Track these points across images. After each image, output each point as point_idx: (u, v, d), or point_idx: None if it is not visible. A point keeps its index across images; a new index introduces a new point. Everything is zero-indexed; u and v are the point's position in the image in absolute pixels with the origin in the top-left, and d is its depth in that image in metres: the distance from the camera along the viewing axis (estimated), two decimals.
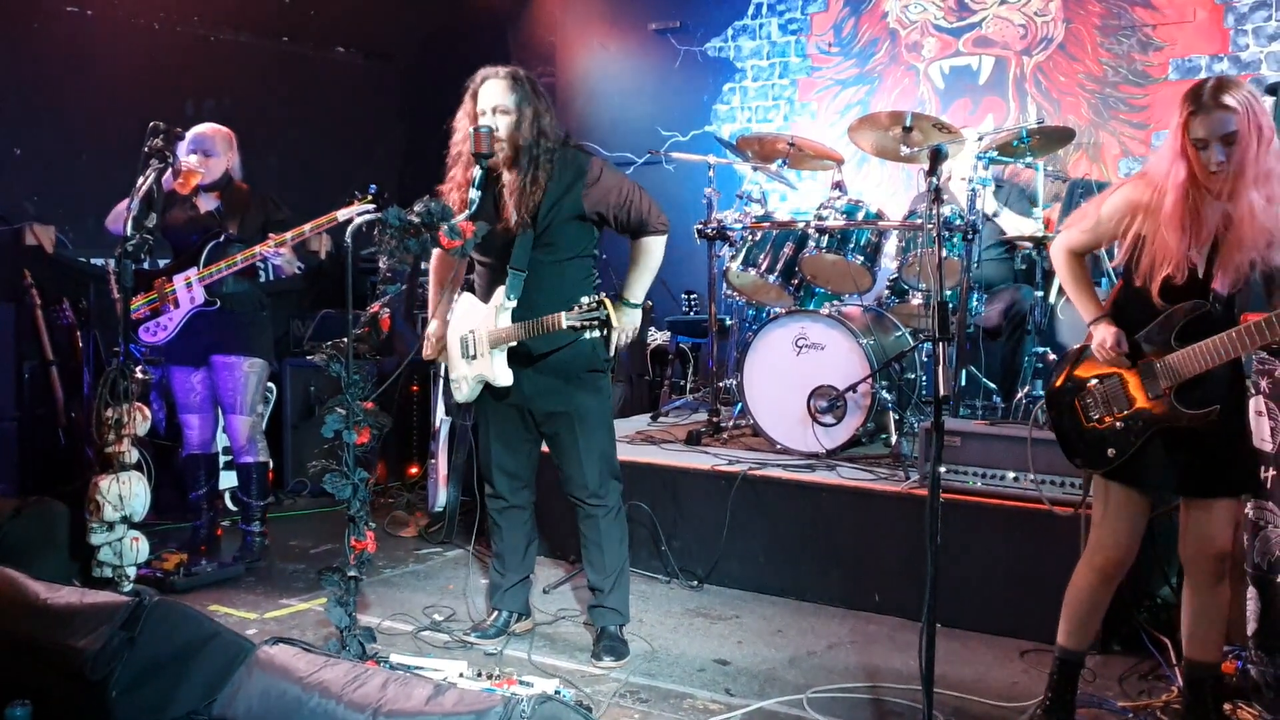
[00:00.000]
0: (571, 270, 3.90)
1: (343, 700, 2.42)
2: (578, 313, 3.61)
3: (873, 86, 7.27)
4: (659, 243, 3.93)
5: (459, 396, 4.07)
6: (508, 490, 4.11)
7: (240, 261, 4.80)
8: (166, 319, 4.92)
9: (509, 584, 4.18)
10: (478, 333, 3.88)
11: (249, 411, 5.04)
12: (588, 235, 3.93)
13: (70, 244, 6.36)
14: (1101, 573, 3.27)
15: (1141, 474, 3.15)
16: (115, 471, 4.41)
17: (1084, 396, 3.22)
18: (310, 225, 4.70)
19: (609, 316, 3.59)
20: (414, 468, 6.58)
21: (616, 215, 3.86)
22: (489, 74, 3.83)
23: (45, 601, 2.94)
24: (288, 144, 7.61)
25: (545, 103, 3.85)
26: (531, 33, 8.58)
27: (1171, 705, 3.50)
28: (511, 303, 3.81)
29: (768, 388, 5.32)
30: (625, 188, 3.87)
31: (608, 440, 4.04)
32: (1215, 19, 6.20)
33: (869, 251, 5.58)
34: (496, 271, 3.88)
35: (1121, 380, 3.14)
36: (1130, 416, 3.11)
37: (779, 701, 3.62)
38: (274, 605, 4.57)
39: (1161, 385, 3.04)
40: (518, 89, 3.79)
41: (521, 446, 4.08)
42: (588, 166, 3.85)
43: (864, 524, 4.57)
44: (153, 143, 4.61)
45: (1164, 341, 3.05)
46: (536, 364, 3.89)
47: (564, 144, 3.87)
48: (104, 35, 6.76)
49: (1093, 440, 3.19)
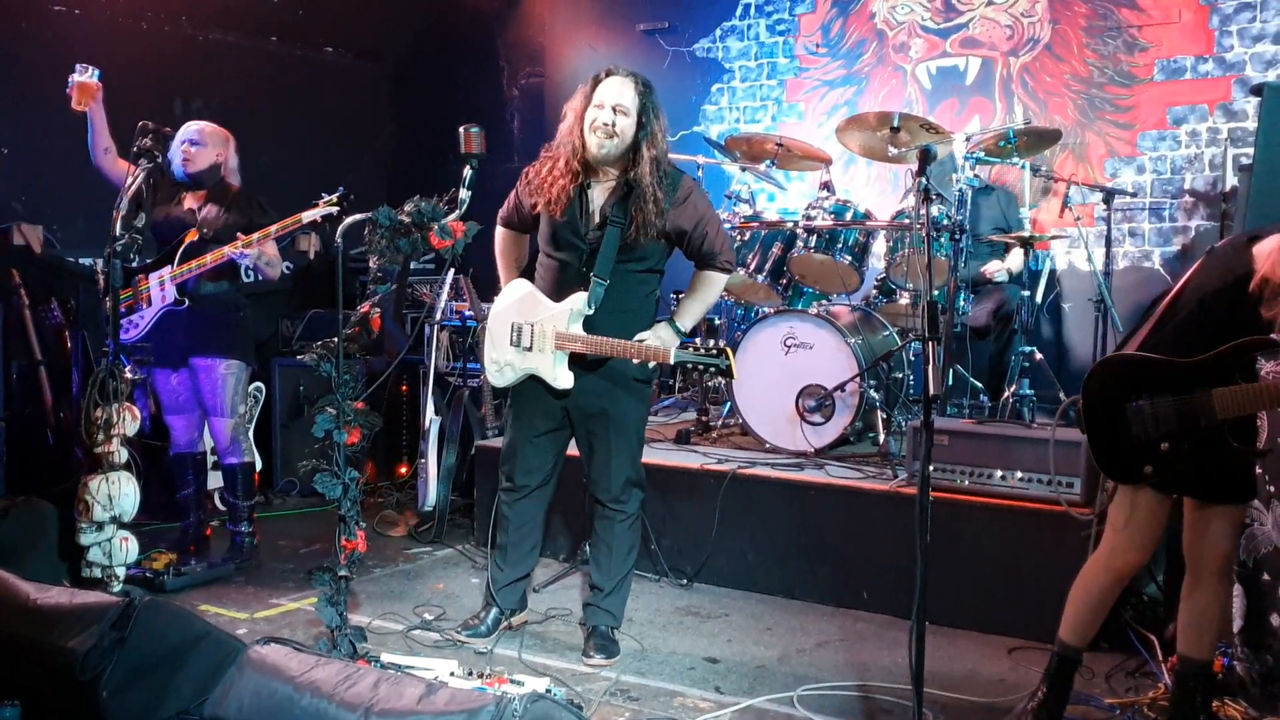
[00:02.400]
0: (642, 283, 3.90)
1: (335, 700, 2.42)
2: (693, 353, 3.59)
3: (860, 87, 7.29)
4: (721, 280, 3.95)
5: (497, 381, 4.01)
6: (527, 482, 4.06)
7: (210, 261, 4.79)
8: (139, 317, 4.91)
9: (507, 580, 4.14)
10: (542, 328, 3.82)
11: (230, 413, 5.03)
12: (663, 252, 3.92)
13: (58, 244, 6.34)
14: (1119, 575, 3.27)
15: (1173, 482, 3.12)
16: (104, 471, 4.39)
17: (1131, 411, 3.08)
18: (276, 226, 4.70)
19: (729, 368, 3.58)
20: (403, 467, 6.58)
21: (691, 239, 3.85)
22: (617, 71, 3.80)
23: (35, 602, 2.94)
24: (277, 144, 7.59)
25: (664, 120, 3.84)
26: (520, 33, 8.58)
27: (1158, 702, 3.53)
28: (589, 310, 3.77)
29: (756, 387, 5.34)
30: (708, 214, 3.88)
31: (639, 448, 4.04)
32: (1200, 20, 6.24)
33: (857, 251, 5.61)
34: (571, 272, 3.85)
35: (1175, 403, 3.01)
36: (1178, 440, 3.01)
37: (769, 699, 3.63)
38: (264, 605, 4.57)
39: (1218, 417, 2.95)
40: (644, 96, 3.77)
41: (552, 443, 4.04)
42: (680, 183, 3.85)
43: (852, 522, 4.59)
44: (141, 142, 4.60)
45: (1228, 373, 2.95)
46: (588, 368, 3.87)
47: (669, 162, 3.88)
48: (92, 35, 6.73)
49: (1131, 456, 3.09)
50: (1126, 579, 3.30)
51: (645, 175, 3.73)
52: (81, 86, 4.80)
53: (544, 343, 3.82)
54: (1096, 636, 3.63)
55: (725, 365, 3.57)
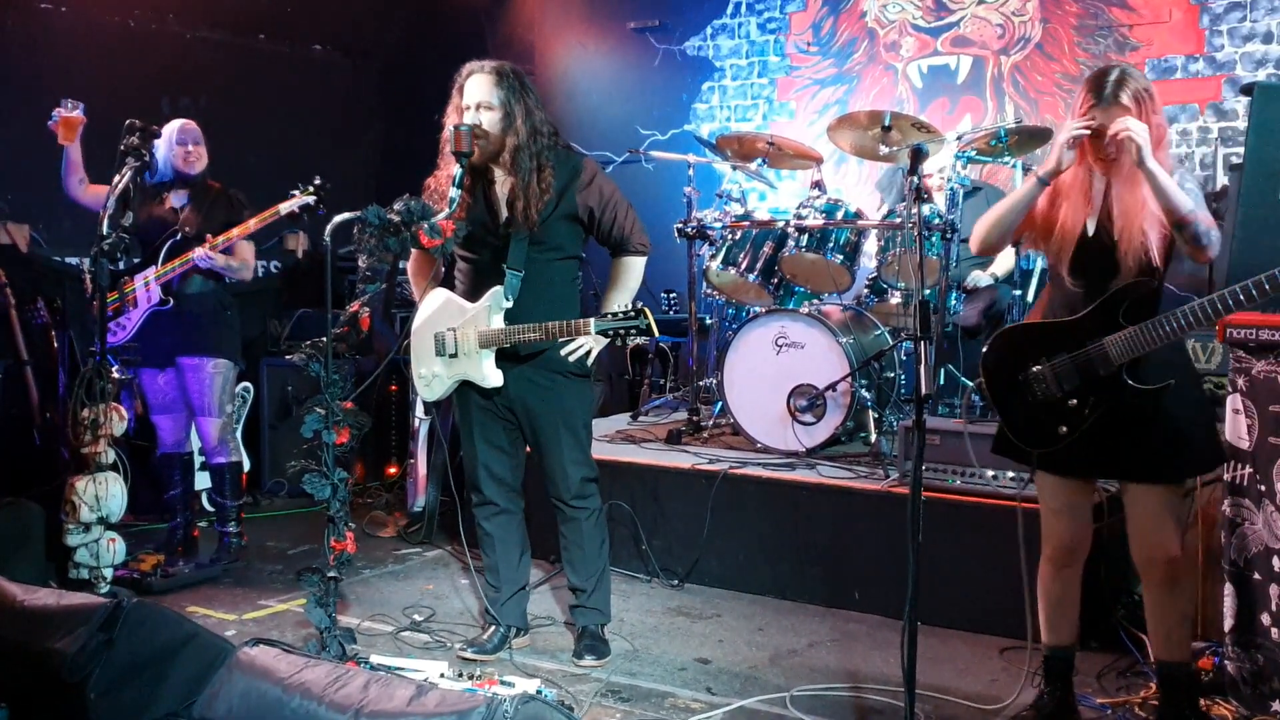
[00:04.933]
0: (561, 271, 3.88)
1: (324, 701, 2.41)
2: (611, 319, 3.54)
3: (851, 86, 7.29)
4: (638, 263, 3.91)
5: (428, 395, 3.96)
6: (497, 495, 4.00)
7: (190, 261, 4.77)
8: (125, 319, 4.90)
9: (505, 596, 4.05)
10: (463, 331, 3.80)
11: (217, 413, 5.01)
12: (577, 235, 3.90)
13: (45, 243, 6.31)
14: (1053, 562, 3.36)
15: (1073, 465, 3.24)
16: (91, 472, 4.37)
17: (1032, 376, 3.22)
18: (255, 220, 4.68)
19: (649, 326, 3.52)
20: (393, 468, 6.56)
21: (600, 222, 3.83)
22: (474, 68, 3.77)
23: (22, 603, 2.92)
24: (265, 142, 7.57)
25: (535, 99, 3.79)
26: (510, 31, 8.56)
27: (1149, 701, 3.52)
28: (508, 303, 3.74)
29: (748, 387, 5.33)
30: (615, 197, 3.85)
31: (589, 443, 4.01)
32: (1191, 19, 6.25)
33: (848, 250, 5.59)
34: (486, 270, 3.83)
35: (1071, 359, 3.15)
36: (1083, 394, 3.14)
37: (761, 700, 3.62)
38: (252, 606, 4.54)
39: (1114, 364, 3.08)
40: (504, 85, 3.72)
41: (510, 449, 4.00)
42: (582, 167, 3.83)
43: (844, 522, 4.58)
44: (129, 140, 4.57)
45: (1113, 321, 3.10)
46: (523, 363, 3.83)
47: (555, 142, 3.83)
48: (79, 33, 6.70)
49: (1044, 419, 3.21)
50: (1067, 566, 3.36)
51: (513, 159, 3.71)
52: (67, 121, 4.78)
53: (468, 345, 3.79)
54: (1087, 636, 3.64)
55: (645, 325, 3.51)
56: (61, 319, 5.84)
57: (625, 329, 3.53)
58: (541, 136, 3.76)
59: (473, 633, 4.18)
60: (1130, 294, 3.09)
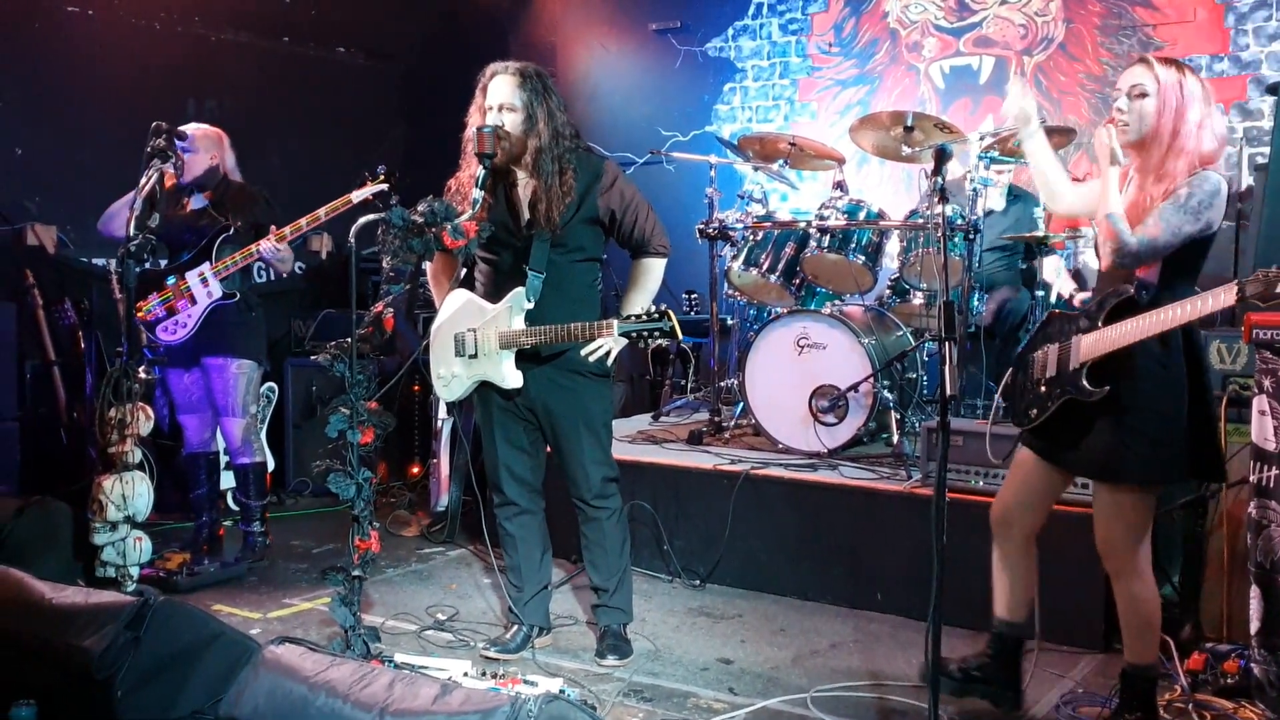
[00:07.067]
0: (582, 272, 3.89)
1: (350, 699, 2.42)
2: (635, 322, 3.54)
3: (873, 86, 7.28)
4: (658, 265, 3.91)
5: (447, 395, 3.98)
6: (519, 496, 4.01)
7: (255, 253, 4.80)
8: (185, 316, 4.90)
9: (528, 596, 4.06)
10: (483, 332, 3.81)
11: (242, 413, 5.03)
12: (598, 237, 3.91)
13: (72, 244, 6.37)
14: (993, 525, 3.45)
15: (1043, 448, 3.32)
16: (118, 471, 4.40)
17: (1034, 356, 3.36)
18: (325, 210, 4.67)
19: (674, 328, 3.51)
20: (416, 467, 6.58)
21: (621, 224, 3.84)
22: (498, 69, 3.77)
23: (50, 601, 2.95)
24: (288, 144, 7.62)
25: (557, 101, 3.79)
26: (532, 33, 8.58)
27: (1174, 704, 3.51)
28: (530, 305, 3.75)
29: (769, 387, 5.33)
30: (636, 200, 3.86)
31: (609, 443, 4.02)
32: (1215, 19, 6.21)
33: (870, 251, 5.59)
34: (508, 271, 3.84)
35: (1059, 349, 3.24)
36: (1050, 382, 3.24)
37: (783, 700, 3.62)
38: (277, 605, 4.57)
39: (1081, 359, 3.14)
40: (527, 86, 3.72)
41: (530, 449, 4.01)
42: (603, 169, 3.84)
43: (866, 523, 4.57)
44: (155, 142, 4.60)
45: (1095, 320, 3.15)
46: (544, 364, 3.85)
47: (577, 144, 3.84)
48: (105, 35, 6.76)
49: (1026, 398, 3.35)
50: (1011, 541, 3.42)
51: (536, 161, 3.72)
52: None
53: (488, 346, 3.79)
54: (1110, 637, 3.62)
55: (669, 327, 3.50)
56: (89, 319, 5.89)
57: (649, 331, 3.54)
58: (564, 139, 3.77)
59: (495, 632, 4.19)
60: (1113, 298, 3.12)
